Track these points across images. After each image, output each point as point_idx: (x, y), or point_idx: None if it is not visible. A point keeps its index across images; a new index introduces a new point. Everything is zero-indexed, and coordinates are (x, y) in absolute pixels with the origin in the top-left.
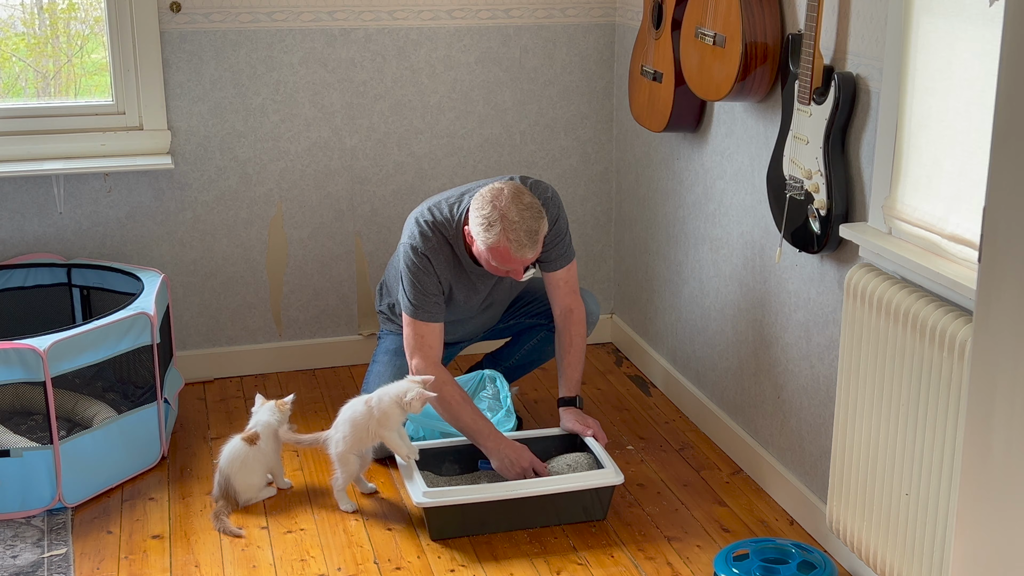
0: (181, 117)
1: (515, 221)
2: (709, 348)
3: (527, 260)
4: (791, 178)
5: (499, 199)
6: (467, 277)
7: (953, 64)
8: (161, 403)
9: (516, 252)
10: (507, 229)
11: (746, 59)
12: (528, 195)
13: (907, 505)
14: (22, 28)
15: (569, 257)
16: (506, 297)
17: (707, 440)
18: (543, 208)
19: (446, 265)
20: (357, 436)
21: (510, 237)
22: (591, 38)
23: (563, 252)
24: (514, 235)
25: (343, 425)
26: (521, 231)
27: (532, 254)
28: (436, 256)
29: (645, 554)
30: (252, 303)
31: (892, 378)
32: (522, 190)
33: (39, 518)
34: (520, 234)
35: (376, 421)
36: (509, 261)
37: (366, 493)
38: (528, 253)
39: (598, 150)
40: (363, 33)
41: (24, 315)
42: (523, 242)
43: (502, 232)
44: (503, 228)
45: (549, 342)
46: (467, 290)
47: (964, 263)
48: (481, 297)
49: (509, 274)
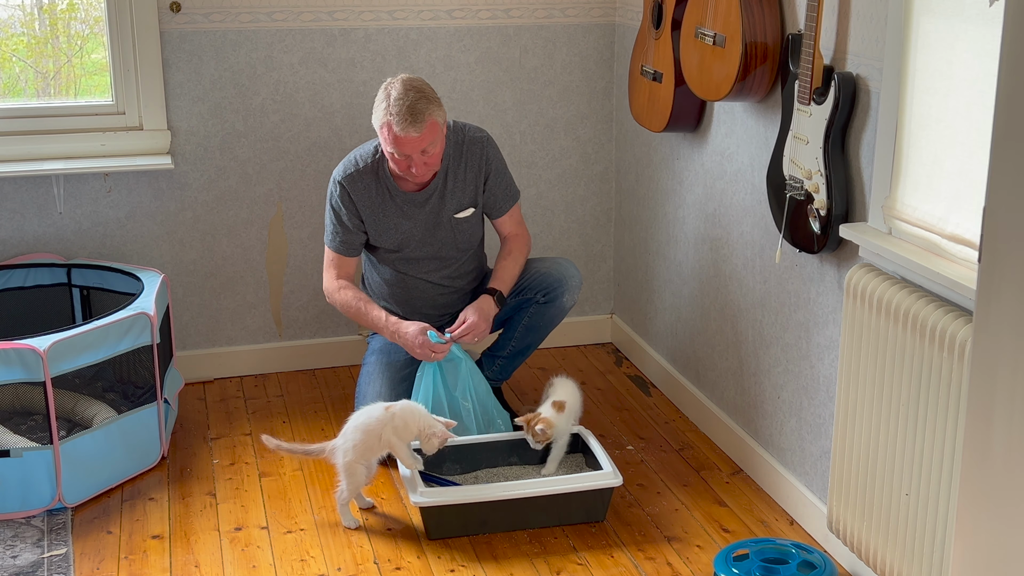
0: (181, 117)
1: (397, 98)
2: (709, 348)
3: (412, 139)
4: (791, 178)
5: (392, 83)
6: (395, 203)
7: (953, 64)
8: (161, 403)
9: (398, 128)
10: (390, 105)
11: (746, 59)
12: (421, 82)
13: (907, 505)
14: (22, 28)
15: (513, 197)
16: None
17: (707, 440)
18: (438, 100)
19: (367, 192)
20: (368, 444)
21: (392, 111)
22: (591, 38)
23: (506, 192)
24: (396, 109)
25: (353, 433)
26: (403, 106)
27: (416, 132)
28: (354, 183)
29: (645, 554)
30: (252, 303)
31: (892, 378)
32: (416, 79)
33: (39, 518)
34: (399, 108)
35: (392, 428)
36: (397, 142)
37: (363, 508)
38: (411, 131)
39: (598, 150)
40: (363, 33)
41: (24, 315)
42: (404, 116)
43: (386, 109)
44: (386, 106)
45: (541, 313)
46: (398, 216)
47: (964, 263)
48: (419, 227)
49: (410, 169)
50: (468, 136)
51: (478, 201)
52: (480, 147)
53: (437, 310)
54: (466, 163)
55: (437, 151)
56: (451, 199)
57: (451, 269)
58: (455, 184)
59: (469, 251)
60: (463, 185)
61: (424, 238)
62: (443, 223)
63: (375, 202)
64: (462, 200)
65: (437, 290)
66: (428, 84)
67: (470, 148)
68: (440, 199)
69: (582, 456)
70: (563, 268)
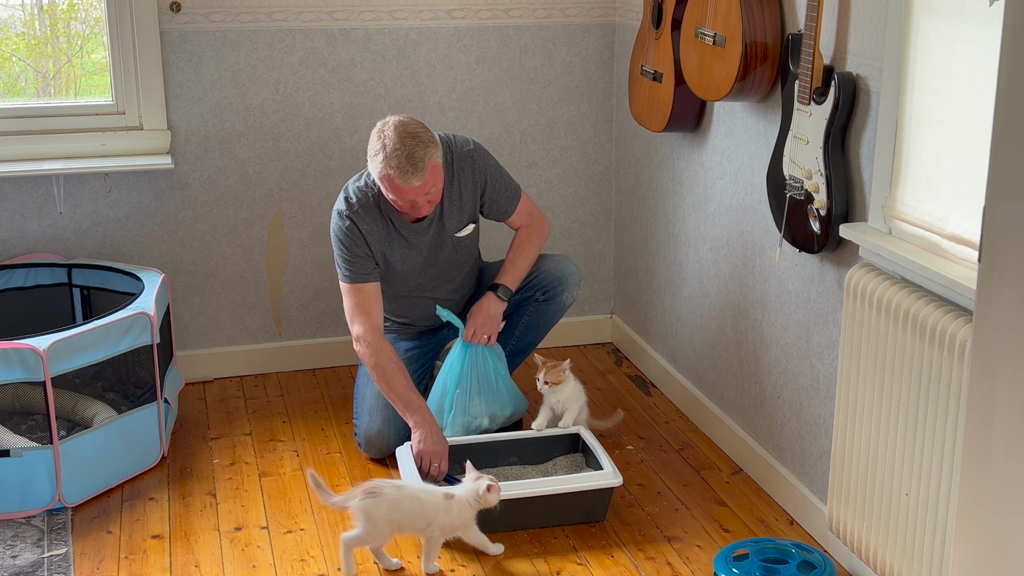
0: (181, 117)
1: (394, 148)
2: (709, 348)
3: (415, 188)
4: (791, 178)
5: (384, 130)
6: (399, 235)
7: (953, 64)
8: (161, 403)
9: (399, 179)
10: (388, 156)
11: (746, 59)
12: (415, 124)
13: (907, 505)
14: (22, 28)
15: (515, 196)
16: (460, 257)
17: (707, 440)
18: (434, 139)
19: (374, 226)
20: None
21: (391, 164)
22: (591, 38)
23: (506, 194)
24: (395, 160)
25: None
26: (402, 156)
27: (418, 181)
28: (361, 218)
29: (645, 554)
30: (252, 303)
31: (892, 378)
32: (408, 121)
33: (39, 518)
34: (401, 159)
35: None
36: (400, 191)
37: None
38: (413, 180)
39: (598, 150)
40: (363, 33)
41: (24, 315)
42: (404, 167)
43: (384, 161)
44: (384, 156)
45: (540, 311)
46: (404, 248)
47: (964, 263)
48: (422, 254)
49: (414, 208)
50: (457, 153)
51: (476, 216)
52: (470, 161)
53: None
54: (459, 181)
55: (439, 188)
56: (450, 220)
57: (454, 284)
58: (451, 205)
59: (470, 261)
60: (460, 204)
61: (428, 262)
62: (445, 244)
63: (381, 237)
64: (461, 219)
65: (440, 304)
66: (420, 123)
67: (460, 165)
68: (440, 222)
69: (582, 456)
70: (563, 266)
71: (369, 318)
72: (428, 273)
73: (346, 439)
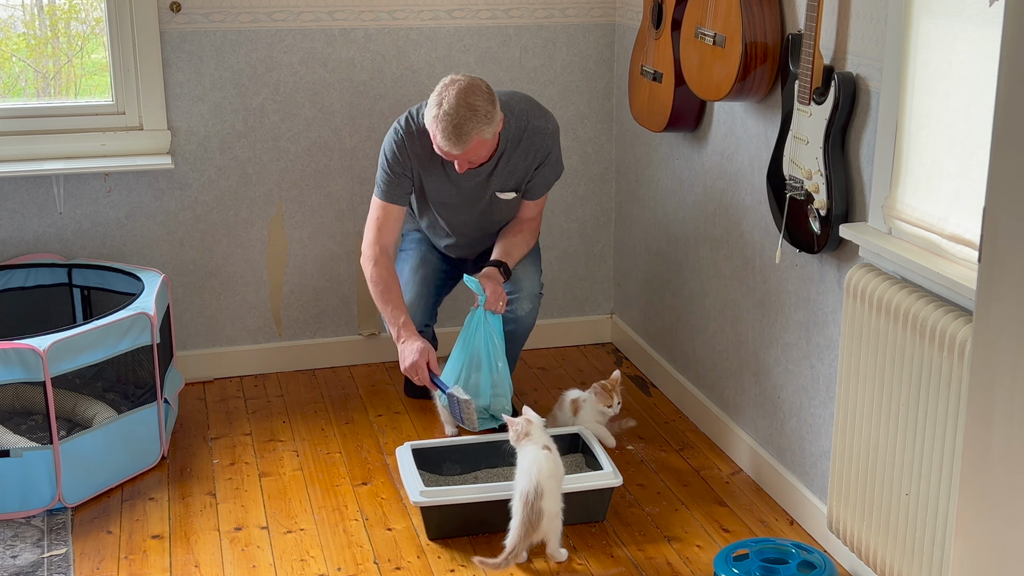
0: (181, 117)
1: (446, 112)
2: (709, 348)
3: (451, 154)
4: (791, 178)
5: (450, 87)
6: (441, 168)
7: (953, 64)
8: (161, 403)
9: (440, 141)
10: (437, 116)
11: (746, 59)
12: (479, 95)
13: (907, 505)
14: (22, 28)
15: (548, 188)
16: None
17: (707, 440)
18: (492, 115)
19: (422, 151)
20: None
21: (439, 125)
22: (591, 38)
23: (545, 182)
24: (441, 124)
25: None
26: (450, 124)
27: (456, 150)
28: (413, 140)
29: (645, 554)
30: (252, 303)
31: (892, 378)
32: (474, 89)
33: (39, 518)
34: (446, 125)
35: None
36: (440, 151)
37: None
38: (452, 148)
39: (598, 150)
40: (363, 33)
41: (24, 315)
42: (448, 134)
43: (435, 119)
44: (435, 115)
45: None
46: (442, 181)
47: (964, 263)
48: (460, 195)
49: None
50: (532, 125)
51: (521, 187)
52: (542, 138)
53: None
54: (523, 150)
55: (483, 156)
56: (498, 179)
57: (475, 234)
58: (506, 167)
59: (501, 224)
60: (512, 169)
61: (463, 204)
62: (484, 197)
63: (426, 162)
64: (507, 183)
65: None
66: (488, 94)
67: (531, 137)
68: (488, 177)
69: (582, 456)
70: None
71: (382, 236)
72: (458, 213)
73: (346, 439)
